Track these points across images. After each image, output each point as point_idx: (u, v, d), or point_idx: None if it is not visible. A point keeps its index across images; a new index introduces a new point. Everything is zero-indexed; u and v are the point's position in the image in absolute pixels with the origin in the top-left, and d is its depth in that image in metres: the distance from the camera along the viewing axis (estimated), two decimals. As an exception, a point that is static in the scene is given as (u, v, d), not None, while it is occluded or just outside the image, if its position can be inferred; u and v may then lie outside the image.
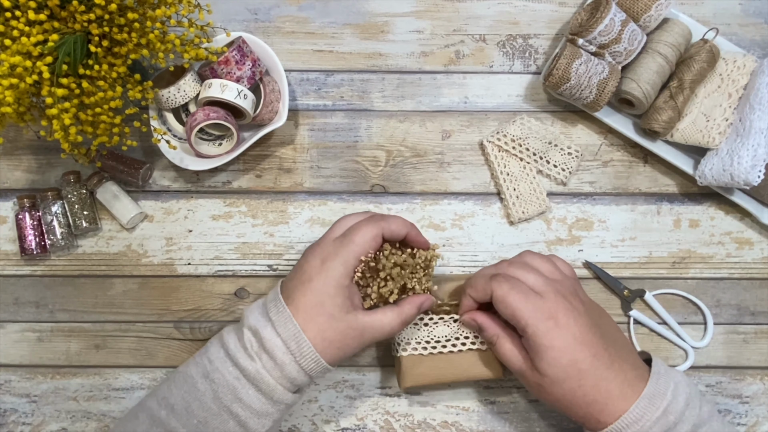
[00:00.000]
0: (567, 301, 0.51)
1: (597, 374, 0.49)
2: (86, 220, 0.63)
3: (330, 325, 0.50)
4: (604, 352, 0.50)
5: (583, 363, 0.49)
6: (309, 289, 0.50)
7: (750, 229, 0.65)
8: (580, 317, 0.50)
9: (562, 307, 0.50)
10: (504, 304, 0.51)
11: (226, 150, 0.63)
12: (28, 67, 0.50)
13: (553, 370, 0.49)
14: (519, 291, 0.50)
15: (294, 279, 0.52)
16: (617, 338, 0.53)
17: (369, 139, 0.67)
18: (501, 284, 0.51)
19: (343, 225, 0.54)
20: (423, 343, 0.57)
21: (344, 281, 0.51)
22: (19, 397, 0.63)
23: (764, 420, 0.62)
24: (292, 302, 0.50)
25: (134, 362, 0.63)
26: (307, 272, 0.51)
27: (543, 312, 0.50)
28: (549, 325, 0.49)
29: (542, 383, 0.50)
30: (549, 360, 0.49)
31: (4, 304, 0.64)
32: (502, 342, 0.53)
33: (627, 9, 0.62)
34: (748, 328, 0.64)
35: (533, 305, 0.50)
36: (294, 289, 0.51)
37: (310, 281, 0.51)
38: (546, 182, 0.66)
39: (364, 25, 0.69)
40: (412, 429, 0.62)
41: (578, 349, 0.49)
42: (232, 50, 0.60)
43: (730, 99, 0.62)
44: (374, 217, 0.54)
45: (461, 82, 0.68)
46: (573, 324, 0.50)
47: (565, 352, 0.49)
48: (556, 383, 0.49)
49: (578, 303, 0.52)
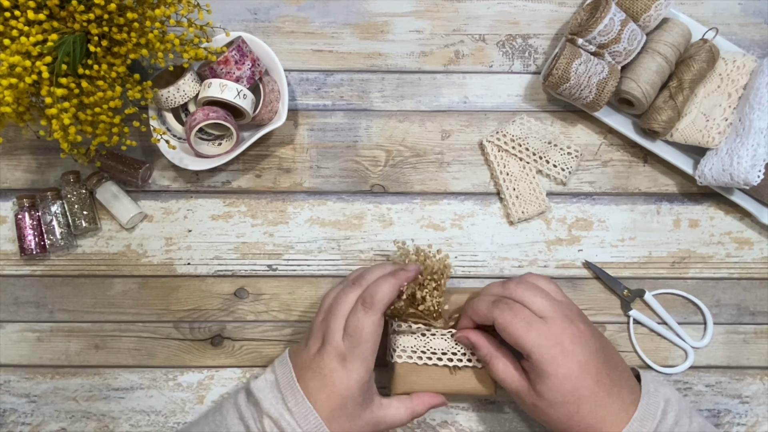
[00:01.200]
0: (574, 325, 0.50)
1: (596, 401, 0.49)
2: (86, 220, 0.63)
3: (350, 424, 0.51)
4: (606, 379, 0.49)
5: (585, 390, 0.49)
6: (334, 393, 0.50)
7: (750, 229, 0.65)
8: (586, 342, 0.50)
9: (569, 333, 0.50)
10: (507, 332, 0.50)
11: (226, 150, 0.63)
12: (28, 67, 0.50)
13: (553, 395, 0.49)
14: (521, 319, 0.50)
15: (314, 379, 0.51)
16: (617, 362, 0.52)
17: (368, 139, 0.67)
18: (503, 312, 0.51)
19: (339, 311, 0.53)
20: (419, 352, 0.57)
21: (365, 380, 0.51)
22: (18, 397, 0.63)
23: (764, 420, 0.62)
24: (314, 401, 0.50)
25: (134, 362, 0.63)
26: (328, 377, 0.50)
27: (548, 339, 0.49)
28: (554, 352, 0.49)
29: (539, 405, 0.50)
30: (550, 386, 0.49)
31: (4, 304, 0.64)
32: (496, 362, 0.53)
33: (627, 9, 0.62)
34: (748, 328, 0.64)
35: (537, 332, 0.49)
36: (316, 391, 0.50)
37: (334, 386, 0.50)
38: (546, 182, 0.66)
39: (363, 25, 0.69)
40: (411, 429, 0.62)
41: (581, 377, 0.49)
42: (231, 50, 0.60)
43: (730, 99, 0.62)
44: (372, 302, 0.51)
45: (461, 82, 0.68)
46: (579, 351, 0.49)
47: (568, 380, 0.49)
48: (554, 407, 0.49)
49: (585, 326, 0.51)
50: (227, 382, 0.63)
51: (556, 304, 0.51)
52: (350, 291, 0.53)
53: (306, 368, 0.52)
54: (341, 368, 0.50)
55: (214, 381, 0.63)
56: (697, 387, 0.63)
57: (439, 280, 0.55)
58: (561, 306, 0.51)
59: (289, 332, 0.64)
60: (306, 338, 0.55)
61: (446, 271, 0.56)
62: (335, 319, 0.52)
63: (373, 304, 0.51)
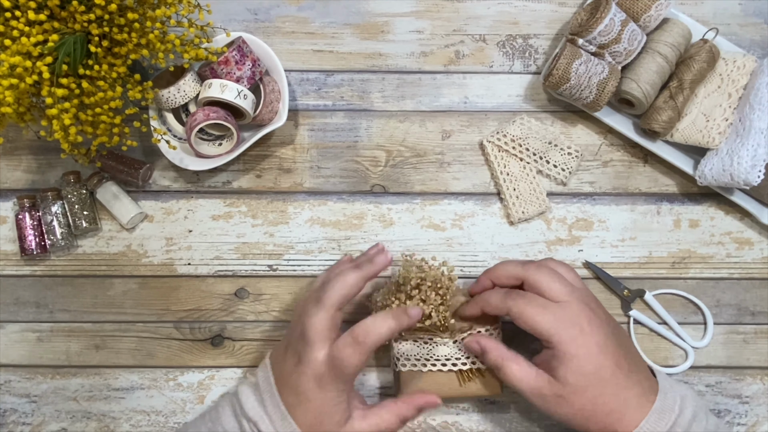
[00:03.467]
0: (590, 308, 0.51)
1: (618, 383, 0.49)
2: (86, 220, 0.63)
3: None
4: (624, 362, 0.50)
5: (606, 371, 0.49)
6: (309, 410, 0.50)
7: (750, 229, 0.65)
8: (602, 326, 0.50)
9: (585, 315, 0.50)
10: (523, 319, 0.51)
11: (226, 150, 0.63)
12: (28, 67, 0.50)
13: (576, 378, 0.49)
14: (536, 305, 0.50)
15: (291, 395, 0.51)
16: (631, 348, 0.53)
17: (369, 139, 0.67)
18: (516, 301, 0.51)
19: (313, 326, 0.51)
20: (423, 360, 0.57)
21: (343, 399, 0.51)
22: (19, 397, 0.63)
23: (764, 420, 0.62)
24: (294, 415, 0.50)
25: (134, 362, 0.63)
26: (303, 394, 0.50)
27: (566, 321, 0.50)
28: (573, 333, 0.49)
29: (563, 394, 0.49)
30: (573, 368, 0.49)
31: (4, 304, 0.64)
32: (509, 364, 0.52)
33: (627, 9, 0.62)
34: (748, 328, 0.64)
35: (554, 315, 0.50)
36: (292, 407, 0.50)
37: (309, 402, 0.50)
38: (546, 182, 0.66)
39: (364, 25, 0.69)
40: (412, 429, 0.62)
41: (602, 357, 0.49)
42: (232, 50, 0.60)
43: (730, 99, 0.62)
44: (365, 342, 0.50)
45: (461, 82, 0.68)
46: (596, 332, 0.50)
47: (589, 360, 0.49)
48: (578, 392, 0.49)
49: (601, 311, 0.52)
50: (227, 383, 0.63)
51: (571, 288, 0.52)
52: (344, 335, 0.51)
53: (283, 383, 0.51)
54: (317, 388, 0.50)
55: (215, 381, 0.63)
56: (697, 387, 0.63)
57: (444, 295, 0.55)
58: (576, 291, 0.52)
59: (289, 332, 0.64)
60: (284, 344, 0.54)
61: (451, 285, 0.56)
62: (314, 342, 0.50)
63: (366, 343, 0.50)
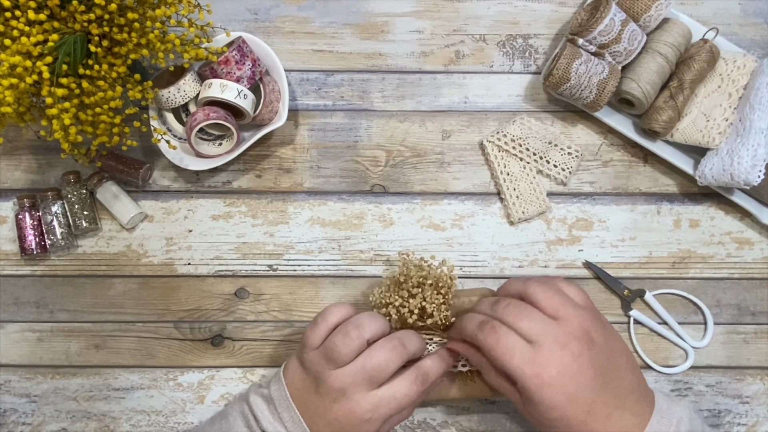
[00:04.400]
0: (567, 350, 0.47)
1: (588, 429, 0.47)
2: (86, 220, 0.63)
3: None
4: (602, 406, 0.47)
5: (574, 420, 0.47)
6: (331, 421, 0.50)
7: (750, 229, 0.65)
8: (579, 370, 0.47)
9: (557, 361, 0.46)
10: (491, 357, 0.49)
11: (226, 150, 0.63)
12: (28, 67, 0.50)
13: (540, 418, 0.48)
14: (504, 345, 0.48)
15: (319, 423, 0.50)
16: (623, 381, 0.49)
17: (369, 139, 0.67)
18: (487, 337, 0.49)
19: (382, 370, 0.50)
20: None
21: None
22: (19, 397, 0.63)
23: (764, 420, 0.62)
24: (312, 429, 0.50)
25: (134, 362, 0.63)
26: (340, 425, 0.50)
27: (532, 367, 0.47)
28: (536, 382, 0.46)
29: (529, 419, 0.50)
30: (536, 412, 0.48)
31: (4, 304, 0.64)
32: (487, 373, 0.52)
33: (627, 9, 0.62)
34: (748, 328, 0.64)
35: (520, 359, 0.47)
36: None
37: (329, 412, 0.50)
38: (546, 182, 0.66)
39: (364, 25, 0.69)
40: (412, 429, 0.62)
41: (570, 407, 0.47)
42: (232, 50, 0.60)
43: (730, 99, 0.62)
44: (426, 379, 0.51)
45: (461, 82, 0.68)
46: (568, 381, 0.46)
47: (554, 410, 0.47)
48: (543, 427, 0.49)
49: (582, 349, 0.47)
50: (228, 382, 0.63)
51: (546, 326, 0.48)
52: (395, 352, 0.50)
53: (317, 414, 0.50)
54: (362, 424, 0.49)
55: (215, 381, 0.63)
56: (698, 387, 0.63)
57: (446, 294, 0.55)
58: (552, 329, 0.48)
59: (289, 332, 0.64)
60: (302, 366, 0.53)
61: (453, 285, 0.56)
62: (372, 374, 0.49)
63: (426, 381, 0.51)
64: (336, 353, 0.49)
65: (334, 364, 0.50)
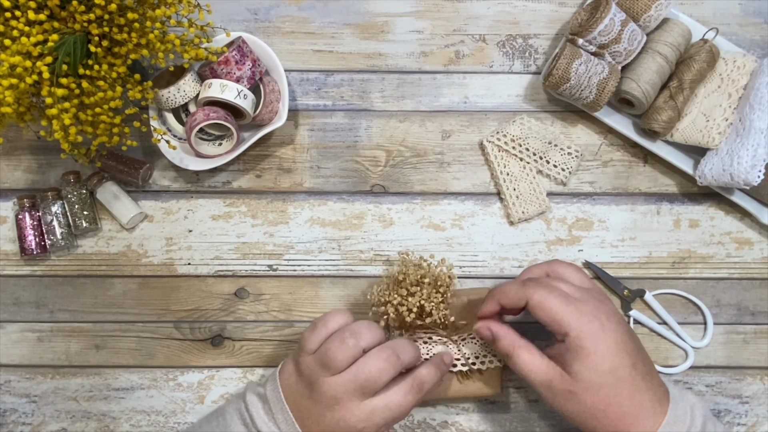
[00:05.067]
0: (606, 305, 0.50)
1: (634, 384, 0.47)
2: (86, 220, 0.63)
3: None
4: (641, 364, 0.48)
5: (623, 371, 0.47)
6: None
7: (750, 229, 0.65)
8: (621, 323, 0.49)
9: (604, 310, 0.49)
10: (542, 309, 0.49)
11: (226, 150, 0.63)
12: (28, 67, 0.50)
13: (591, 375, 0.47)
14: (558, 294, 0.49)
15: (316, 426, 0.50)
16: (645, 351, 0.52)
17: (369, 139, 0.67)
18: (536, 289, 0.50)
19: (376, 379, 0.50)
20: (422, 360, 0.57)
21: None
22: (19, 397, 0.63)
23: (764, 420, 0.62)
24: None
25: (134, 362, 0.63)
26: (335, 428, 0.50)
27: (586, 314, 0.48)
28: (594, 327, 0.47)
29: (574, 390, 0.48)
30: (589, 364, 0.47)
31: (4, 304, 0.64)
32: (520, 353, 0.51)
33: (627, 9, 0.62)
34: (748, 328, 0.64)
35: (575, 308, 0.48)
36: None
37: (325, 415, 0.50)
38: (546, 182, 0.66)
39: (363, 25, 0.69)
40: (412, 429, 0.62)
41: (620, 356, 0.47)
42: (232, 50, 0.60)
43: (730, 99, 0.62)
44: (421, 388, 0.51)
45: (461, 82, 0.68)
46: (616, 329, 0.48)
47: (606, 358, 0.47)
48: (591, 390, 0.47)
49: (614, 309, 0.51)
50: (227, 382, 0.63)
51: (582, 289, 0.51)
52: (389, 362, 0.50)
53: (310, 418, 0.50)
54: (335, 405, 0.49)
55: (215, 381, 0.63)
56: (697, 387, 0.63)
57: (445, 293, 0.55)
58: (587, 291, 0.51)
59: (289, 332, 0.64)
60: (297, 369, 0.52)
61: (452, 284, 0.56)
62: (365, 383, 0.49)
63: (421, 391, 0.51)
64: (331, 359, 0.49)
65: (328, 370, 0.49)
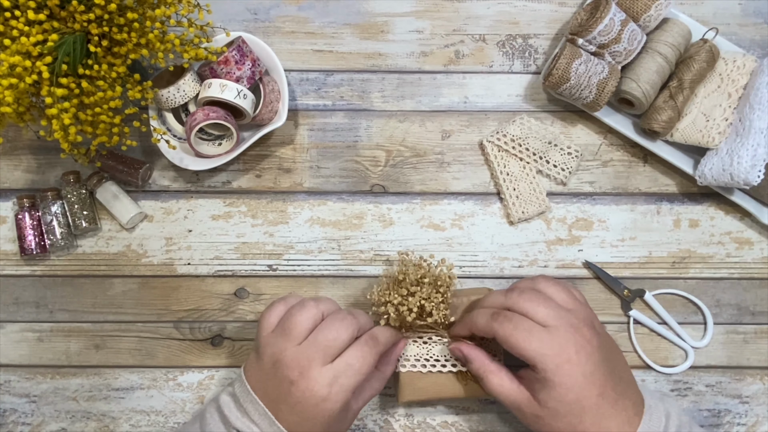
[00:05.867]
0: (580, 334, 0.49)
1: (600, 413, 0.48)
2: (86, 220, 0.63)
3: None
4: (611, 391, 0.49)
5: (588, 401, 0.48)
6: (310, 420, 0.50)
7: (750, 229, 0.65)
8: (593, 353, 0.49)
9: (573, 342, 0.49)
10: (509, 343, 0.50)
11: (226, 150, 0.63)
12: (28, 67, 0.50)
13: (556, 404, 0.48)
14: (522, 329, 0.49)
15: (292, 414, 0.50)
16: (623, 372, 0.52)
17: (369, 139, 0.67)
18: (503, 324, 0.50)
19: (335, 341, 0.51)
20: (422, 360, 0.57)
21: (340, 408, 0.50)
22: (19, 397, 0.63)
23: (764, 420, 0.62)
24: (278, 417, 0.50)
25: (134, 362, 0.63)
26: (310, 410, 0.49)
27: (552, 348, 0.48)
28: (558, 361, 0.48)
29: (541, 415, 0.49)
30: (555, 395, 0.48)
31: (4, 304, 0.64)
32: (490, 377, 0.52)
33: (627, 9, 0.62)
34: (748, 328, 0.64)
35: (539, 341, 0.48)
36: (297, 425, 0.50)
37: (315, 419, 0.49)
38: (546, 182, 0.66)
39: (363, 25, 0.69)
40: (411, 429, 0.62)
41: (586, 388, 0.48)
42: (231, 50, 0.60)
43: (730, 99, 0.62)
44: (376, 342, 0.53)
45: (461, 82, 0.68)
46: (584, 361, 0.48)
47: (572, 390, 0.48)
48: (557, 417, 0.49)
49: (592, 335, 0.50)
50: (227, 383, 0.63)
51: (560, 312, 0.50)
52: (345, 322, 0.51)
53: (279, 401, 0.50)
54: (322, 401, 0.49)
55: (215, 381, 0.63)
56: (697, 387, 0.63)
57: (445, 293, 0.55)
58: (565, 314, 0.50)
59: (289, 332, 0.64)
60: (261, 354, 0.52)
61: (452, 283, 0.56)
62: (325, 347, 0.50)
63: (377, 343, 0.52)
64: (293, 323, 0.51)
65: (289, 339, 0.50)
